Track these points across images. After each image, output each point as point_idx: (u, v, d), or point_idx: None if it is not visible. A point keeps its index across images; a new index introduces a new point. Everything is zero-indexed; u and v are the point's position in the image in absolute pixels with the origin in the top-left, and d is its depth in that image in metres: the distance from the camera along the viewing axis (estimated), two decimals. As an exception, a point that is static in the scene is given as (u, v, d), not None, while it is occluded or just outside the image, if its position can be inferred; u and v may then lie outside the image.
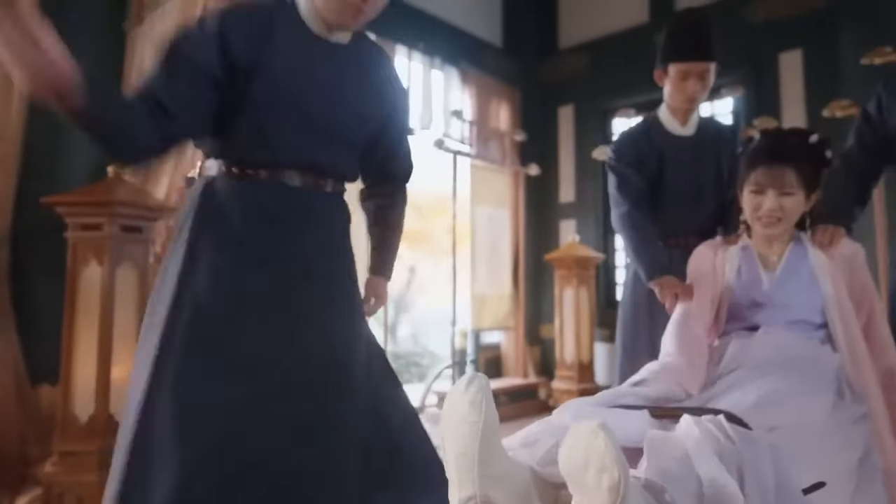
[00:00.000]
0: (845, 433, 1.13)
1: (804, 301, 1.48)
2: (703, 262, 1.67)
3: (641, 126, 2.13)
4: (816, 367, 1.31)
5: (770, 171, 1.49)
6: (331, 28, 1.40)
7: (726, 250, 1.64)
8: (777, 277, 1.53)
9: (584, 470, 0.71)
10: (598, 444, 0.70)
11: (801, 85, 4.45)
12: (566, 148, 5.78)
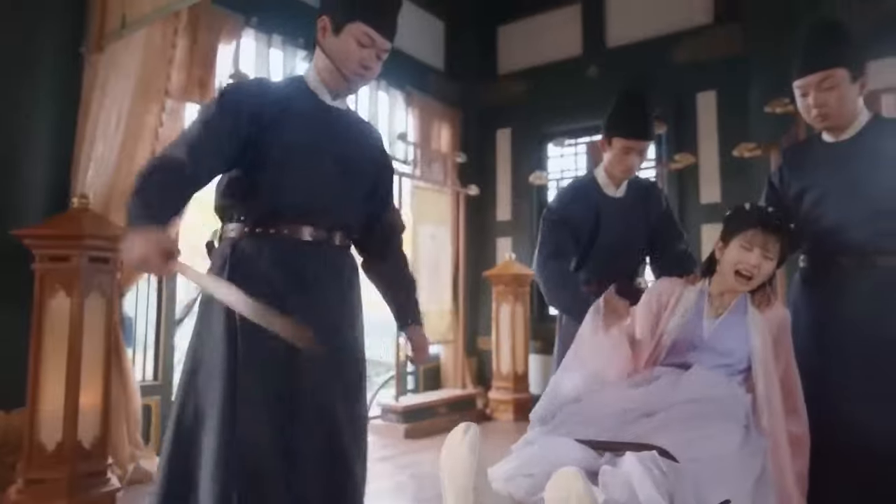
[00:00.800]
0: (749, 462, 1.44)
1: (734, 349, 1.76)
2: (664, 293, 1.92)
3: (580, 185, 2.41)
4: (732, 406, 1.61)
5: (763, 235, 1.74)
6: (335, 95, 1.61)
7: (687, 289, 1.90)
8: (717, 325, 1.81)
9: (568, 493, 0.96)
10: (578, 485, 0.95)
11: (715, 124, 4.94)
12: (503, 169, 6.10)
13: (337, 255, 1.61)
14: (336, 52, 1.55)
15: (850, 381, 1.79)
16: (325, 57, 1.57)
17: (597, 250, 2.32)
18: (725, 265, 1.80)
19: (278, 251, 1.50)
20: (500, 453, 1.47)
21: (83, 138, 2.99)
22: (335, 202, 1.58)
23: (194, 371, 1.46)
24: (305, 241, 1.53)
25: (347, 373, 1.56)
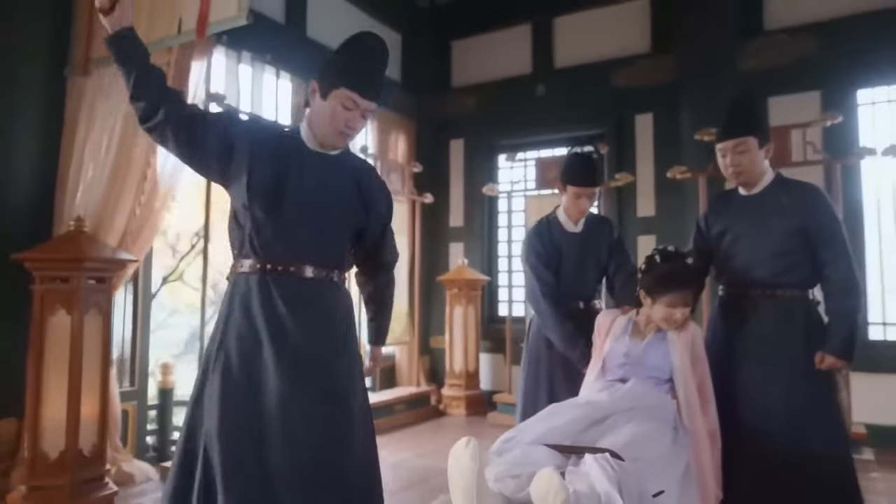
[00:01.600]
0: (677, 457, 1.83)
1: (657, 365, 2.17)
2: (602, 326, 2.34)
3: (542, 228, 2.80)
4: (663, 411, 2.01)
5: (682, 294, 2.15)
6: (324, 147, 1.84)
7: (619, 318, 2.32)
8: (643, 346, 2.22)
9: (547, 495, 1.31)
10: (555, 481, 1.31)
11: (652, 145, 5.43)
12: (456, 178, 6.45)
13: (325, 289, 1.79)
14: (323, 114, 1.76)
15: (754, 387, 2.23)
16: (314, 117, 1.80)
17: (562, 275, 2.72)
18: (655, 316, 2.20)
19: (264, 287, 1.71)
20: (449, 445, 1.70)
21: (69, 160, 3.13)
22: (315, 240, 1.77)
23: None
24: (294, 275, 1.73)
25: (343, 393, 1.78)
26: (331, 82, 1.76)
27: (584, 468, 1.57)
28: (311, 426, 1.67)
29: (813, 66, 4.85)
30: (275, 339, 1.69)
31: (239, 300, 1.73)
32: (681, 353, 2.11)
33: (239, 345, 1.69)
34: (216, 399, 1.65)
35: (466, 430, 5.20)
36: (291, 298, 1.73)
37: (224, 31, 2.92)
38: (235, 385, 1.67)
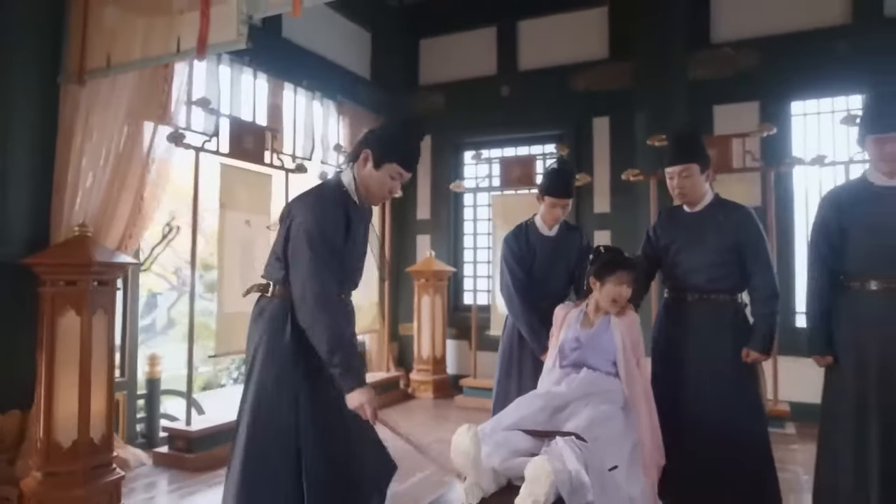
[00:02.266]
0: (627, 436, 2.21)
1: (604, 348, 2.52)
2: (559, 317, 2.69)
3: (520, 231, 3.15)
4: (613, 395, 2.38)
5: (625, 272, 2.50)
6: (365, 201, 2.18)
7: (572, 310, 2.67)
8: (591, 333, 2.58)
9: (539, 477, 1.66)
10: (546, 467, 1.66)
11: (608, 148, 5.83)
12: (423, 172, 6.72)
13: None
14: (373, 181, 2.11)
15: (692, 374, 2.65)
16: (366, 179, 2.12)
17: (533, 274, 3.07)
18: (604, 297, 2.56)
19: None
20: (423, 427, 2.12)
21: (66, 167, 3.27)
22: (358, 276, 2.28)
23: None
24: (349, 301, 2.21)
25: None
26: (386, 157, 2.09)
27: (557, 449, 1.93)
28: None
29: (753, 79, 5.31)
30: None
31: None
32: (622, 333, 2.49)
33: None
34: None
35: (434, 412, 5.55)
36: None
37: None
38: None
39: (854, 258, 2.33)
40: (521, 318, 3.03)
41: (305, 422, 1.98)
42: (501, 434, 2.08)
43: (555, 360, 2.62)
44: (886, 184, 2.31)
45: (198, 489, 3.46)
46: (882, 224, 2.27)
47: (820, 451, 2.44)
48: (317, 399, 2.02)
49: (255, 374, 2.09)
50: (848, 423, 2.29)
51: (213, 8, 2.92)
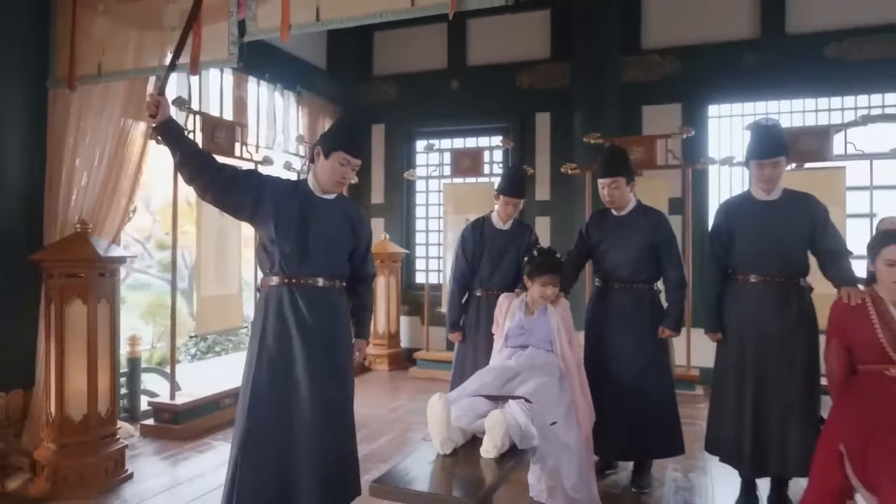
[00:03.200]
0: (563, 399, 2.79)
1: (543, 331, 3.08)
2: (503, 306, 3.23)
3: (475, 224, 3.64)
4: (552, 368, 2.95)
5: (549, 276, 3.03)
6: (325, 192, 2.59)
7: (515, 299, 3.22)
8: (533, 320, 3.13)
9: (495, 426, 2.20)
10: (499, 417, 2.20)
11: (549, 142, 6.39)
12: (378, 159, 7.14)
13: (330, 295, 2.57)
14: (325, 170, 2.52)
15: (616, 348, 3.25)
16: (318, 173, 2.54)
17: (483, 266, 3.58)
18: (533, 293, 3.08)
19: (293, 295, 2.46)
20: (380, 397, 2.59)
21: (60, 167, 3.54)
22: (324, 262, 2.53)
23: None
24: (310, 286, 2.49)
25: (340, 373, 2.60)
26: (331, 146, 2.50)
27: (509, 409, 2.48)
28: (325, 386, 2.48)
29: (676, 83, 5.96)
30: (300, 329, 2.45)
31: (273, 303, 2.47)
32: (557, 318, 3.04)
33: (276, 336, 2.44)
34: (265, 371, 2.42)
35: (390, 383, 6.07)
36: (310, 301, 2.48)
37: (212, 67, 3.44)
38: (274, 363, 2.42)
39: (739, 257, 2.96)
40: (450, 298, 3.67)
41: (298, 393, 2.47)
42: (466, 400, 2.61)
43: (503, 342, 3.16)
44: (764, 199, 2.94)
45: (188, 455, 3.88)
46: (760, 231, 2.90)
47: (711, 406, 3.10)
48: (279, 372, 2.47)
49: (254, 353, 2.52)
50: (731, 385, 2.94)
51: (204, 28, 3.25)
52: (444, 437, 2.30)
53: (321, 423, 2.44)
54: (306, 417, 2.42)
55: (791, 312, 2.85)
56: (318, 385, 2.44)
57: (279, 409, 2.41)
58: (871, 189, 4.96)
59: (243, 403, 2.45)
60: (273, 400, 2.41)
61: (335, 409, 2.52)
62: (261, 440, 2.40)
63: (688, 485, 3.36)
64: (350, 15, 3.06)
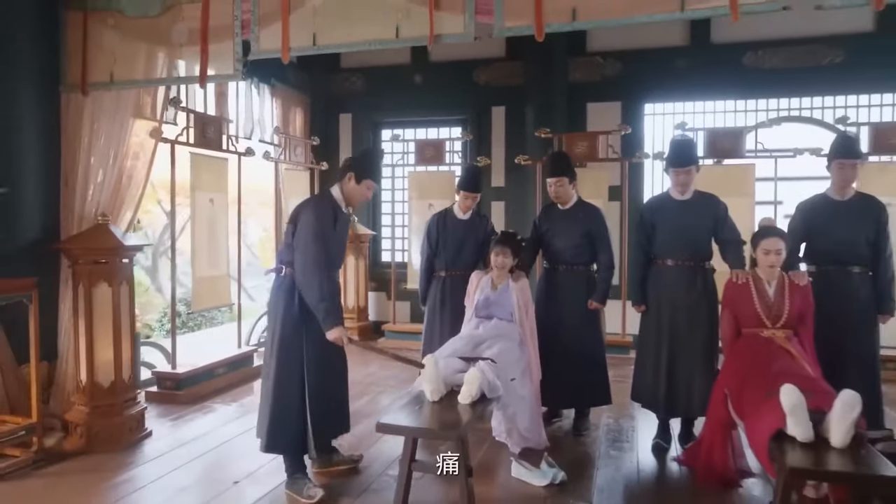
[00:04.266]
0: (521, 360, 3.48)
1: (506, 304, 3.77)
2: (473, 283, 3.90)
3: (439, 215, 4.30)
4: (513, 334, 3.64)
5: (501, 247, 3.70)
6: (347, 206, 3.23)
7: (483, 277, 3.89)
8: (497, 294, 3.82)
9: (473, 380, 2.89)
10: (476, 373, 2.89)
11: (503, 133, 7.04)
12: (345, 147, 7.65)
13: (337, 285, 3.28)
14: (356, 192, 3.19)
15: (559, 317, 3.96)
16: (349, 192, 3.18)
17: (446, 250, 4.24)
18: (495, 265, 3.77)
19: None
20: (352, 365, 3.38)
21: (76, 166, 3.97)
22: (339, 260, 3.28)
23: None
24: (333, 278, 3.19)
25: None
26: (364, 175, 3.16)
27: (479, 367, 3.16)
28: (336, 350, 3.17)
29: (617, 83, 6.68)
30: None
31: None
32: (517, 293, 3.74)
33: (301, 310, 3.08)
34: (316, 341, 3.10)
35: (360, 353, 6.63)
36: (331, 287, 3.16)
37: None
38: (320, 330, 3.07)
39: (659, 245, 3.70)
40: (420, 278, 4.40)
41: (308, 357, 3.10)
42: (443, 361, 3.28)
43: (472, 313, 3.84)
44: (679, 199, 3.67)
45: (193, 416, 4.44)
46: (676, 225, 3.63)
47: (635, 364, 3.86)
48: (316, 343, 3.11)
49: (277, 327, 3.14)
50: (650, 347, 3.71)
51: (211, 46, 3.75)
52: (434, 388, 2.97)
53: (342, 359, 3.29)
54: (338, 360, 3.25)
55: (697, 289, 3.62)
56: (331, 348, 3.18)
57: (322, 358, 3.14)
58: (775, 181, 5.83)
59: (289, 361, 3.11)
60: (317, 354, 3.13)
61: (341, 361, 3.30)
62: (314, 382, 3.12)
63: (617, 427, 4.15)
64: (343, 42, 3.64)
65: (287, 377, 3.10)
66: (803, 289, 3.26)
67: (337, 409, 3.29)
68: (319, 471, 3.34)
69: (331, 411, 3.20)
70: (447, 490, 3.14)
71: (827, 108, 6.34)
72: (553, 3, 3.22)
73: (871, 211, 3.54)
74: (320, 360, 3.14)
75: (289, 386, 3.09)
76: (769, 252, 3.22)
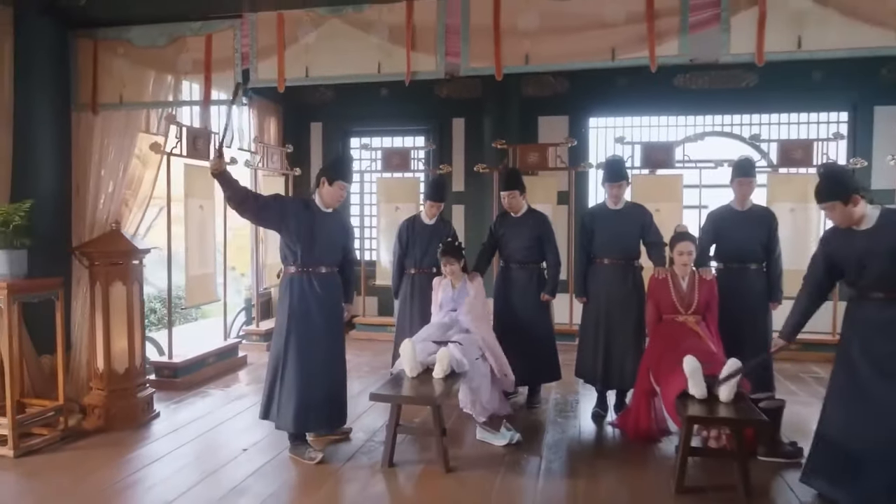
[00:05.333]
0: (477, 342, 4.18)
1: (462, 301, 4.47)
2: (436, 286, 4.58)
3: (408, 221, 4.97)
4: (474, 321, 4.35)
5: (447, 258, 4.38)
6: (326, 207, 3.81)
7: (443, 280, 4.57)
8: (457, 292, 4.50)
9: (444, 358, 3.56)
10: (447, 352, 3.58)
11: (463, 143, 7.73)
12: (316, 153, 8.21)
13: (331, 277, 3.87)
14: (330, 194, 3.73)
15: (514, 307, 4.68)
16: (324, 195, 3.73)
17: (415, 251, 4.91)
18: (447, 273, 4.46)
19: (309, 279, 3.72)
20: None
21: (87, 177, 4.44)
22: (328, 255, 3.80)
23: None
24: (319, 272, 3.76)
25: (336, 333, 3.87)
26: (334, 177, 3.71)
27: (449, 348, 3.83)
28: (334, 338, 3.77)
29: (565, 99, 7.45)
30: (314, 299, 3.68)
31: (296, 285, 3.67)
32: (472, 293, 4.44)
33: (300, 305, 3.65)
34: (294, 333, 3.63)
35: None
36: (318, 282, 3.72)
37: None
38: (300, 320, 3.64)
39: (597, 247, 4.44)
40: (393, 275, 5.08)
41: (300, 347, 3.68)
42: (420, 345, 3.94)
43: (439, 307, 4.51)
44: (614, 208, 4.43)
45: (193, 400, 4.98)
46: (611, 230, 4.38)
47: (578, 347, 4.61)
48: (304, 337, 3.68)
49: (279, 319, 3.74)
50: (590, 332, 4.45)
51: (214, 74, 4.31)
52: (412, 367, 3.63)
53: (331, 355, 3.78)
54: (321, 354, 3.70)
55: (628, 284, 4.39)
56: (330, 332, 3.74)
57: (303, 351, 3.66)
58: (700, 188, 6.70)
59: (278, 349, 3.67)
60: (300, 345, 3.65)
61: (338, 347, 3.88)
62: (287, 371, 3.63)
63: (563, 401, 4.91)
64: (331, 74, 4.26)
65: (285, 363, 3.67)
66: (710, 282, 4.06)
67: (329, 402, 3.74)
68: (316, 439, 3.96)
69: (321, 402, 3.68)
70: (425, 450, 3.82)
71: (744, 125, 7.26)
72: (509, 49, 3.93)
73: (764, 220, 4.36)
74: (308, 351, 3.66)
75: (288, 371, 3.66)
76: (682, 253, 4.00)
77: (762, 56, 3.58)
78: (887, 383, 2.92)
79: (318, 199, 3.78)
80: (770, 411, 3.54)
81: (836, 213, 3.01)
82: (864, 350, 3.01)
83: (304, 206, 3.75)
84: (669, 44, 3.71)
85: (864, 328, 3.03)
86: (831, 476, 3.08)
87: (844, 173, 3.20)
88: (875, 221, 2.98)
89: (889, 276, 2.94)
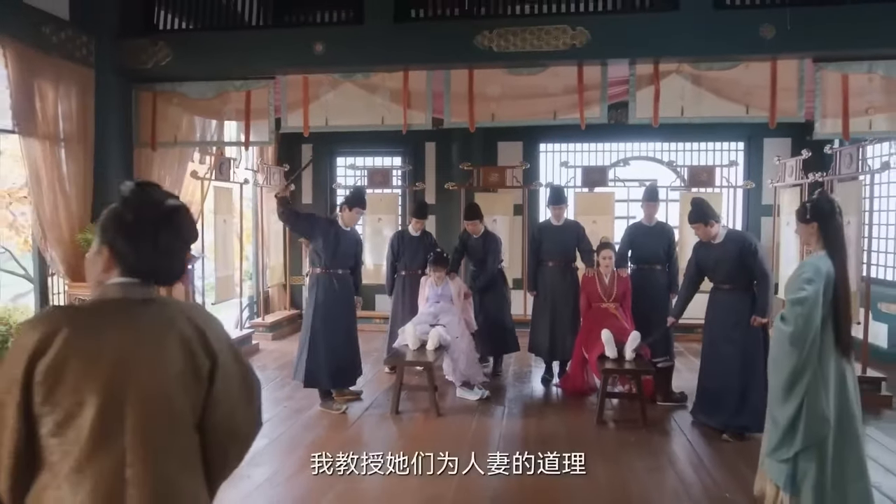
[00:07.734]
0: (461, 326, 5.57)
1: (448, 295, 5.86)
2: (423, 285, 5.97)
3: (399, 233, 6.36)
4: (454, 311, 5.74)
5: (435, 269, 5.77)
6: (346, 226, 5.17)
7: (428, 279, 5.96)
8: (441, 289, 5.90)
9: (435, 336, 4.97)
10: (436, 332, 4.98)
11: (434, 164, 9.13)
12: (307, 172, 9.44)
13: (347, 277, 5.23)
14: (349, 217, 5.12)
15: (479, 303, 6.12)
16: (345, 217, 5.10)
17: (405, 257, 6.29)
18: (434, 279, 5.87)
19: (331, 278, 5.08)
20: None
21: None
22: (345, 261, 5.19)
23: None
24: (338, 273, 5.13)
25: (352, 317, 5.23)
26: (353, 204, 5.08)
27: (437, 329, 5.22)
28: (350, 320, 5.13)
29: (519, 128, 8.88)
30: (335, 293, 5.04)
31: (321, 282, 5.02)
32: (455, 287, 5.84)
33: (325, 298, 5.00)
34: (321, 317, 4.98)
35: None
36: (337, 280, 5.09)
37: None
38: (325, 310, 4.99)
39: (544, 253, 5.90)
40: (387, 274, 6.41)
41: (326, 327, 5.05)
42: (417, 326, 5.33)
43: (426, 301, 5.90)
44: (556, 224, 5.91)
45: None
46: (554, 240, 5.85)
47: (530, 329, 6.06)
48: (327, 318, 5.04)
49: (308, 306, 5.08)
50: (539, 318, 5.91)
51: (253, 122, 5.60)
52: (413, 340, 5.03)
53: (349, 332, 5.10)
54: (341, 332, 5.05)
55: (567, 281, 5.87)
56: (346, 317, 5.08)
57: (329, 330, 5.01)
58: (628, 203, 8.28)
59: (310, 329, 5.00)
60: (325, 328, 5.00)
61: (353, 327, 5.21)
62: (317, 344, 4.98)
63: (520, 371, 6.38)
64: (346, 123, 5.63)
65: (316, 340, 5.01)
66: (625, 279, 5.58)
67: (349, 364, 5.18)
68: (337, 396, 5.29)
69: (345, 365, 5.11)
70: (420, 402, 5.21)
71: (664, 151, 8.88)
72: (480, 109, 5.35)
73: (665, 233, 5.91)
74: (331, 328, 5.02)
75: (319, 346, 5.01)
76: (605, 258, 5.51)
77: (657, 120, 5.11)
78: (730, 346, 4.47)
79: (340, 220, 5.13)
80: (663, 369, 5.09)
81: (700, 231, 4.56)
82: (717, 323, 4.56)
83: (329, 224, 5.10)
84: (594, 109, 5.21)
85: (717, 308, 4.59)
86: (704, 409, 4.63)
87: (706, 204, 4.74)
88: (723, 237, 4.53)
89: (732, 273, 4.50)
